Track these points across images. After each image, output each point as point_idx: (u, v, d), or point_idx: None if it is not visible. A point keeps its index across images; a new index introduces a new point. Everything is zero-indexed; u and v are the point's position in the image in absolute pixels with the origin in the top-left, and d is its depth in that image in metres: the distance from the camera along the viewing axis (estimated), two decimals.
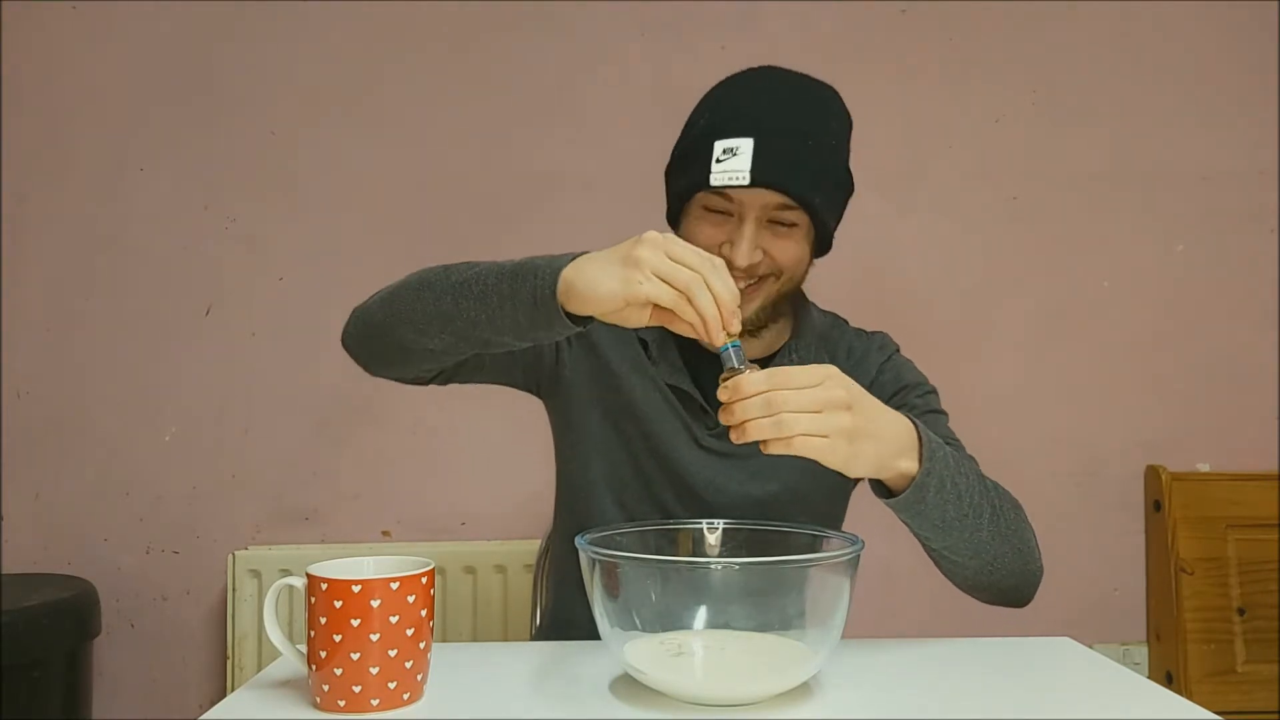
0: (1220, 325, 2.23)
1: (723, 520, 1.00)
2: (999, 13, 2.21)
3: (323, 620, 0.81)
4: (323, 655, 0.82)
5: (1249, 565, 2.12)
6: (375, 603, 0.81)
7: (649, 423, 1.18)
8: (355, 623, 0.80)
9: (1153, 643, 2.18)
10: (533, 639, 1.33)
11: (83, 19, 2.11)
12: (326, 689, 0.82)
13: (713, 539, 0.99)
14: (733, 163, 1.04)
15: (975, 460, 1.08)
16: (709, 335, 0.87)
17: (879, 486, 0.97)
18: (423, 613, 0.84)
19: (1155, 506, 2.18)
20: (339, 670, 0.81)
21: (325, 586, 0.81)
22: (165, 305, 2.11)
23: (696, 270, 0.86)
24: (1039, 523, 1.10)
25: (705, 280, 0.86)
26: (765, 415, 0.85)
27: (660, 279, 0.86)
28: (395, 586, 0.82)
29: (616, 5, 2.17)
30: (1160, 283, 2.23)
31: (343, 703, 0.82)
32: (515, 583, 2.03)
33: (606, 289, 0.87)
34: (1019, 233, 2.21)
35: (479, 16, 2.15)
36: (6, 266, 2.09)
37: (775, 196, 1.06)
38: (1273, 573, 2.12)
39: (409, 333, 1.03)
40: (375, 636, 0.81)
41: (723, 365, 0.89)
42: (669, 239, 0.88)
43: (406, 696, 0.84)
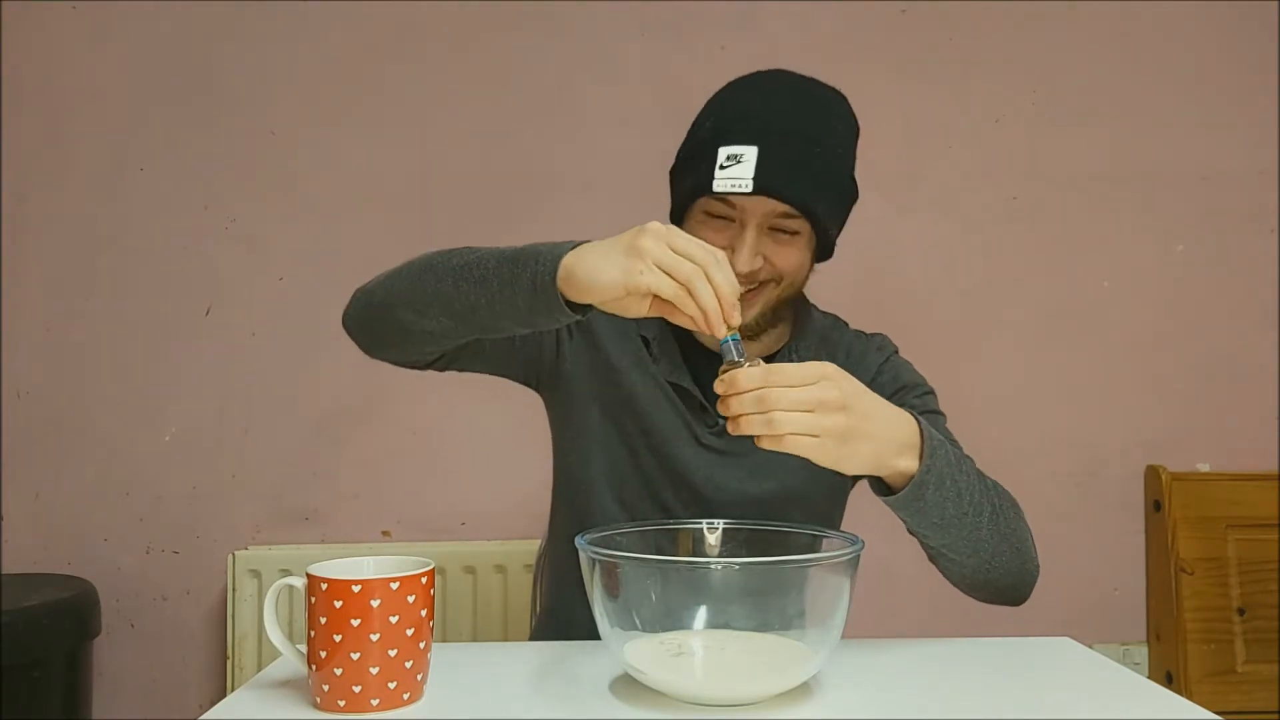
0: (1220, 325, 2.23)
1: (723, 520, 1.00)
2: (999, 13, 2.21)
3: (323, 620, 0.81)
4: (323, 655, 0.82)
5: (1249, 565, 2.12)
6: (375, 603, 0.81)
7: (649, 419, 1.18)
8: (355, 623, 0.81)
9: (1153, 643, 2.18)
10: (531, 637, 1.33)
11: (83, 19, 2.11)
12: (326, 689, 0.82)
13: (713, 539, 0.99)
14: (736, 170, 1.04)
15: (972, 460, 1.08)
16: (709, 328, 0.87)
17: (878, 484, 0.97)
18: (423, 613, 0.84)
19: (1155, 506, 2.18)
20: (339, 670, 0.81)
21: (325, 586, 0.81)
22: (165, 305, 2.11)
23: (698, 263, 0.87)
24: (1039, 522, 1.10)
25: (706, 273, 0.86)
26: (757, 412, 0.86)
27: (662, 270, 0.86)
28: (395, 586, 0.82)
29: (616, 5, 2.17)
30: (1160, 283, 2.23)
31: (343, 703, 0.82)
32: (515, 583, 2.03)
33: (608, 277, 0.87)
34: (1019, 233, 2.21)
35: (479, 16, 2.15)
36: (6, 266, 2.09)
37: (778, 205, 1.06)
38: (1273, 573, 2.12)
39: (409, 314, 1.03)
40: (375, 636, 0.81)
41: (723, 358, 0.89)
42: (672, 230, 0.89)
43: (406, 696, 0.84)
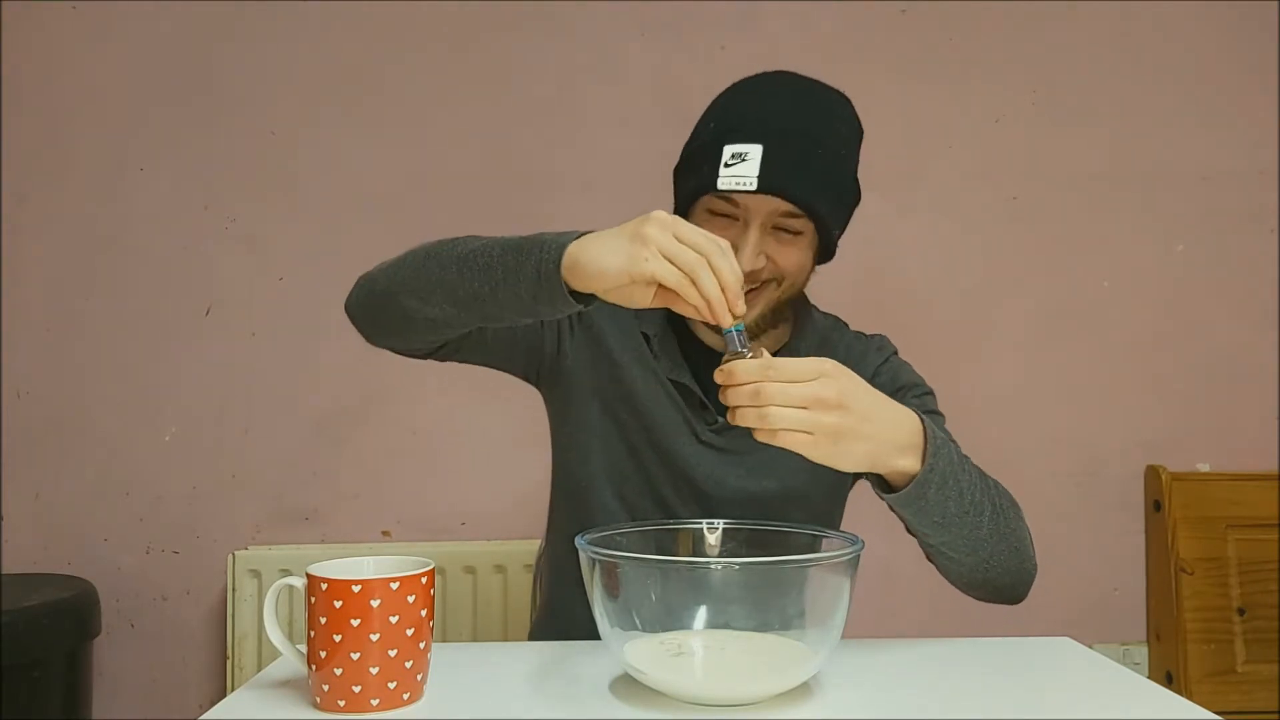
0: (1220, 325, 2.23)
1: (723, 520, 1.00)
2: (999, 13, 2.21)
3: (323, 620, 0.81)
4: (323, 655, 0.82)
5: (1249, 565, 2.12)
6: (375, 603, 0.81)
7: (649, 415, 1.18)
8: (355, 623, 0.81)
9: (1153, 643, 2.18)
10: (530, 636, 1.33)
11: (83, 19, 2.11)
12: (326, 689, 0.82)
13: (713, 539, 0.99)
14: (741, 168, 1.04)
15: (970, 459, 1.08)
16: (713, 317, 0.87)
17: (879, 481, 0.97)
18: (423, 613, 0.84)
19: (1155, 506, 2.17)
20: (339, 670, 0.81)
21: (325, 586, 0.81)
22: (165, 305, 2.11)
23: (703, 251, 0.87)
24: (1039, 522, 1.10)
25: (710, 262, 0.86)
26: (752, 406, 0.86)
27: (666, 258, 0.86)
28: (395, 586, 0.82)
29: (616, 5, 2.17)
30: (1160, 283, 2.23)
31: (343, 703, 0.82)
32: (515, 583, 2.03)
33: (612, 265, 0.87)
34: (1019, 233, 2.21)
35: (479, 16, 2.15)
36: (6, 266, 2.09)
37: (781, 204, 1.06)
38: (1273, 573, 2.12)
39: (412, 301, 1.03)
40: (375, 636, 0.81)
41: (726, 348, 0.89)
42: (677, 220, 0.88)
43: (406, 696, 0.84)
